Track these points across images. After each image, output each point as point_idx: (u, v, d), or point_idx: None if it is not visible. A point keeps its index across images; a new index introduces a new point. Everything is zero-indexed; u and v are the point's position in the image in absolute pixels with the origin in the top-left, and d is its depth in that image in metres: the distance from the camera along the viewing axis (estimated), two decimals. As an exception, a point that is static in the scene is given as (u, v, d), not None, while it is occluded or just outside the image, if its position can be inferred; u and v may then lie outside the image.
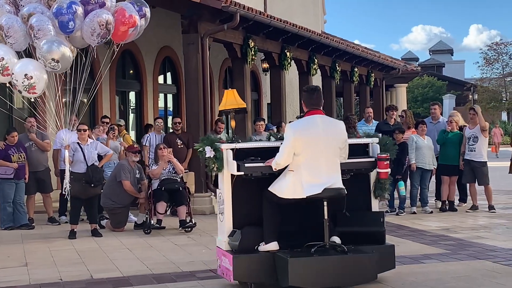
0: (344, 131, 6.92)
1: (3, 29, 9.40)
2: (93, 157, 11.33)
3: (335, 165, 6.76)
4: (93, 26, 9.51)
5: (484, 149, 13.08)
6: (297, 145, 6.67)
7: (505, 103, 55.46)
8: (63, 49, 9.37)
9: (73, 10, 9.34)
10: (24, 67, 9.49)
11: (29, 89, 9.45)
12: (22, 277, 8.04)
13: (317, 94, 6.97)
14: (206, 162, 7.23)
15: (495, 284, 7.09)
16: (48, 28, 9.36)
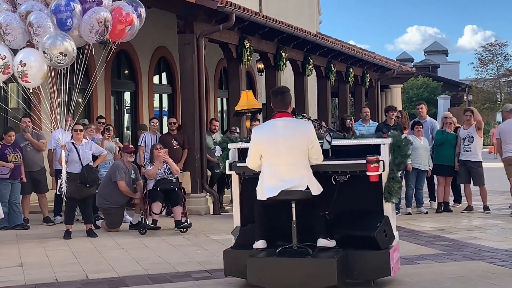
0: (308, 132, 6.82)
1: (1, 26, 9.40)
2: (87, 157, 11.32)
3: (298, 167, 6.75)
4: (92, 23, 9.53)
5: (479, 149, 13.12)
6: (259, 148, 6.88)
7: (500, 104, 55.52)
8: (67, 43, 9.40)
9: (71, 7, 9.38)
10: (23, 54, 9.51)
11: (22, 76, 9.47)
12: (17, 278, 8.02)
13: (281, 96, 7.02)
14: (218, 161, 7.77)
15: (490, 284, 7.10)
16: (47, 25, 9.38)
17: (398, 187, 6.99)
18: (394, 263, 6.98)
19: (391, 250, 6.88)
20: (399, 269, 7.23)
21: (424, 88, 61.23)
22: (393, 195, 6.97)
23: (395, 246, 7.09)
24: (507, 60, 56.70)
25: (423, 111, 14.17)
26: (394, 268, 6.93)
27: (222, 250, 8.72)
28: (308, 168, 6.79)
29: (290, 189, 6.69)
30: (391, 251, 6.87)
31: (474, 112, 13.29)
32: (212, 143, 14.57)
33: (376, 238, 6.72)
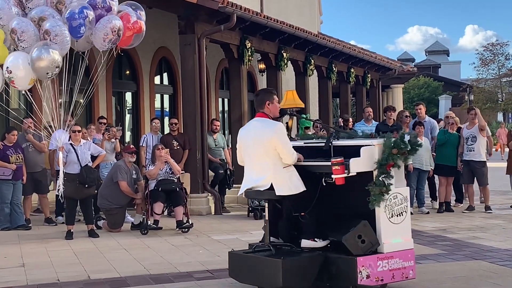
0: (273, 132, 6.87)
1: (16, 32, 9.36)
2: (86, 158, 11.32)
3: (263, 167, 6.89)
4: (107, 32, 9.58)
5: (482, 149, 13.09)
6: (239, 147, 7.27)
7: (501, 103, 55.52)
8: (53, 54, 9.34)
9: (85, 15, 9.41)
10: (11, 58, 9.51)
11: (9, 82, 9.51)
12: (19, 278, 8.03)
13: (257, 97, 7.26)
14: None
15: (492, 284, 7.11)
16: (65, 33, 9.39)
17: (378, 192, 6.67)
18: (378, 271, 6.61)
19: (365, 257, 6.59)
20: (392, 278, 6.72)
21: (425, 88, 61.26)
22: (374, 199, 6.68)
23: (386, 254, 6.70)
24: (508, 60, 56.67)
25: (422, 112, 14.17)
26: (381, 276, 6.63)
27: (223, 250, 8.75)
28: (276, 168, 6.84)
29: (254, 187, 6.96)
30: (363, 258, 6.58)
31: (477, 111, 13.29)
32: (213, 143, 14.59)
33: (344, 242, 6.63)
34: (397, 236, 6.84)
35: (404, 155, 6.75)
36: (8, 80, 9.49)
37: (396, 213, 6.83)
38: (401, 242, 6.85)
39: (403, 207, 6.86)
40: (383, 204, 6.72)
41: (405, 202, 6.88)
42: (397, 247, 6.80)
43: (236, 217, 13.39)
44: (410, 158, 7.13)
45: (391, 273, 6.73)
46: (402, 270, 6.79)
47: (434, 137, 13.88)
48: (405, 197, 6.88)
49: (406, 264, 6.82)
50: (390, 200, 6.77)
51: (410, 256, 6.87)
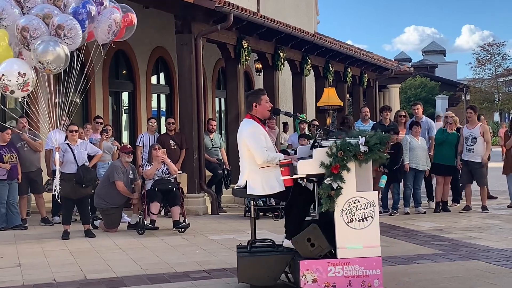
0: (243, 133, 7.06)
1: (29, 30, 9.35)
2: (83, 158, 11.30)
3: (243, 167, 7.16)
4: (110, 24, 9.82)
5: (482, 150, 13.08)
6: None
7: (498, 103, 55.61)
8: (60, 49, 9.39)
9: (87, 9, 9.52)
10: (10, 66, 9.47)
11: (23, 86, 9.47)
12: (16, 278, 8.02)
13: (247, 100, 7.43)
14: None
15: (488, 284, 7.11)
16: (77, 27, 9.49)
17: (325, 195, 6.47)
18: (328, 277, 6.49)
19: (310, 261, 6.54)
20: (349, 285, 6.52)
21: (422, 88, 61.36)
22: (323, 202, 6.50)
23: (340, 259, 6.52)
24: (504, 60, 56.79)
25: (419, 112, 14.19)
26: (332, 282, 6.49)
27: (220, 250, 8.75)
28: (251, 167, 6.96)
29: (236, 186, 7.19)
30: (308, 262, 6.53)
31: (480, 115, 13.31)
32: (210, 143, 14.58)
33: (294, 245, 6.70)
34: (357, 242, 6.52)
35: (359, 157, 6.44)
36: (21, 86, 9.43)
37: (357, 218, 6.50)
38: (362, 249, 6.52)
39: (368, 212, 6.51)
40: (338, 208, 6.50)
41: (371, 207, 6.51)
42: (356, 254, 6.51)
43: (232, 217, 13.39)
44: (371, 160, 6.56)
45: (347, 280, 6.49)
46: (364, 278, 6.49)
47: (431, 136, 13.89)
48: (371, 202, 6.51)
49: (369, 272, 6.50)
50: (349, 204, 6.50)
51: (376, 264, 6.51)
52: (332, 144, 6.53)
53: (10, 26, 9.49)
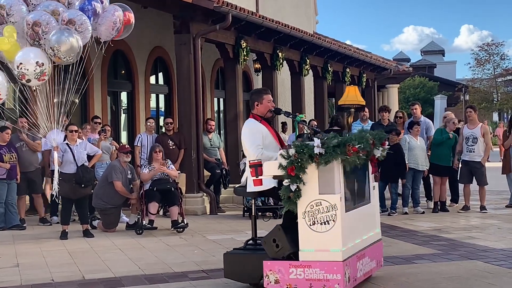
0: (242, 133, 7.28)
1: (41, 25, 9.40)
2: (82, 158, 11.29)
3: (246, 165, 7.20)
4: (115, 20, 9.96)
5: (482, 150, 13.07)
6: None
7: (496, 103, 55.62)
8: (73, 39, 9.48)
9: (93, 6, 9.61)
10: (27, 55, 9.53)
11: (40, 76, 9.53)
12: (14, 278, 8.01)
13: (250, 99, 7.57)
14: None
15: (487, 284, 7.10)
16: (87, 22, 9.59)
17: (285, 197, 6.41)
18: (290, 278, 6.44)
19: (272, 262, 6.54)
20: None
21: (421, 88, 61.36)
22: (284, 203, 6.49)
23: (302, 262, 6.43)
24: (503, 60, 56.78)
25: (417, 111, 14.20)
26: (294, 284, 6.42)
27: (219, 250, 8.74)
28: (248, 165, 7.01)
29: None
30: (271, 262, 6.54)
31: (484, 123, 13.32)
32: (208, 143, 14.58)
33: (262, 245, 6.74)
34: (318, 245, 6.40)
35: (315, 160, 6.30)
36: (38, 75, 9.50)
37: (319, 221, 6.35)
38: (322, 252, 6.38)
39: (330, 216, 6.34)
40: (301, 210, 6.41)
41: (333, 211, 6.33)
42: (317, 257, 6.39)
43: (231, 217, 13.38)
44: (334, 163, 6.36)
45: (308, 283, 6.40)
46: (324, 282, 6.33)
47: (429, 136, 13.90)
48: (333, 205, 6.33)
49: (329, 276, 6.33)
50: (311, 207, 6.38)
51: (336, 269, 6.31)
52: (293, 145, 6.48)
53: (18, 22, 9.52)
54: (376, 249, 7.33)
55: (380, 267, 7.46)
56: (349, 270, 6.45)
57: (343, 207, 6.42)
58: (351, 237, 6.61)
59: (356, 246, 6.74)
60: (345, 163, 6.46)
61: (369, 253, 7.05)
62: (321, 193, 6.38)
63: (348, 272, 6.42)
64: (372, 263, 7.14)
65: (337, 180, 6.44)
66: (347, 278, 6.38)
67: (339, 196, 6.38)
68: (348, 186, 6.68)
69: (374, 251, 7.24)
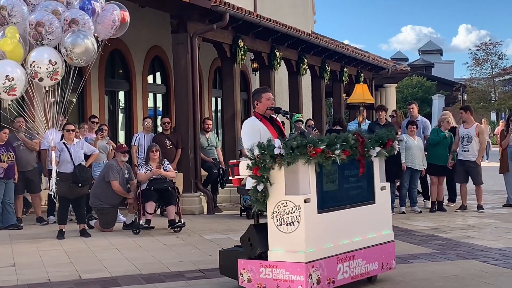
0: (241, 132, 7.48)
1: (44, 25, 9.40)
2: (79, 157, 11.28)
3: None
4: (114, 19, 10.01)
5: (476, 149, 13.08)
6: None
7: (494, 103, 55.55)
8: (88, 41, 9.52)
9: (92, 6, 9.66)
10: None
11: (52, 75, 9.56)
12: (10, 278, 8.00)
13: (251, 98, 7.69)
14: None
15: (483, 284, 7.10)
16: (90, 22, 9.63)
17: (254, 197, 6.47)
18: (260, 278, 6.50)
19: (245, 261, 6.64)
20: None
21: (419, 88, 61.31)
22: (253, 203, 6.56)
23: (270, 262, 6.47)
24: (501, 60, 56.64)
25: (414, 111, 14.21)
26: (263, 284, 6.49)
27: (216, 250, 8.72)
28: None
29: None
30: (244, 261, 6.64)
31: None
32: (206, 142, 14.57)
33: (240, 243, 6.90)
34: (284, 245, 6.41)
35: (277, 160, 6.30)
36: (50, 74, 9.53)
37: (285, 221, 6.35)
38: (287, 253, 6.39)
39: (294, 217, 6.31)
40: (270, 211, 6.43)
41: (297, 212, 6.29)
42: (283, 257, 6.41)
43: (228, 216, 13.37)
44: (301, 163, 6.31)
45: (276, 283, 6.43)
46: (289, 283, 6.33)
47: (426, 136, 13.90)
48: (297, 206, 6.29)
49: (294, 277, 6.32)
50: (278, 207, 6.39)
51: (300, 270, 6.28)
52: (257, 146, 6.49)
53: (20, 23, 9.52)
54: (380, 251, 7.11)
55: (389, 270, 7.25)
56: (320, 271, 6.38)
57: (312, 208, 6.37)
58: (328, 238, 6.53)
59: (339, 247, 6.62)
60: (320, 164, 6.38)
61: (364, 255, 6.88)
62: (287, 194, 6.38)
63: (318, 274, 6.35)
64: (370, 265, 6.95)
65: (303, 181, 6.40)
66: (314, 280, 6.32)
67: (303, 197, 6.33)
68: (329, 187, 6.59)
69: (375, 253, 7.04)
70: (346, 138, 6.63)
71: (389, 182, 7.42)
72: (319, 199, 6.47)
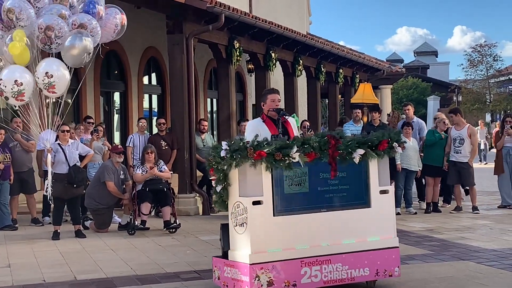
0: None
1: (53, 29, 9.41)
2: (74, 158, 11.27)
3: None
4: (117, 23, 10.08)
5: (468, 150, 13.12)
6: None
7: (489, 104, 55.65)
8: (86, 41, 9.53)
9: (96, 9, 9.70)
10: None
11: (48, 87, 9.54)
12: (5, 278, 7.99)
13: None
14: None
15: (478, 285, 7.12)
16: (97, 26, 9.64)
17: (215, 198, 6.71)
18: (225, 276, 6.61)
19: (216, 259, 6.81)
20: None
21: (414, 89, 61.42)
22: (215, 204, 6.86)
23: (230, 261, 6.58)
24: (496, 61, 56.75)
25: (410, 112, 14.22)
26: (226, 282, 6.57)
27: (211, 251, 8.73)
28: None
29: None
30: (215, 259, 6.82)
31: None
32: (201, 143, 14.56)
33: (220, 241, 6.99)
34: (238, 246, 6.51)
35: (227, 162, 6.39)
36: (47, 86, 9.53)
37: (239, 222, 6.47)
38: (240, 253, 6.48)
39: (244, 218, 6.40)
40: (230, 211, 6.55)
41: (245, 213, 6.37)
42: (237, 257, 6.51)
43: (223, 217, 13.18)
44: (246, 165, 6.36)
45: (233, 282, 6.52)
46: (241, 283, 6.42)
47: (422, 137, 13.92)
48: (245, 208, 6.36)
49: (243, 278, 6.40)
50: (234, 208, 6.49)
51: (246, 271, 6.34)
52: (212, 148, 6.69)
53: (28, 26, 9.52)
54: (374, 257, 6.83)
55: (390, 277, 6.95)
56: (274, 274, 6.37)
57: (265, 210, 6.39)
58: (289, 241, 6.48)
59: (306, 251, 6.54)
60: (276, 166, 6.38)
61: (347, 260, 6.68)
62: (240, 196, 6.46)
63: (269, 276, 6.35)
64: (356, 271, 6.73)
65: (253, 183, 6.42)
66: (262, 281, 6.33)
67: (251, 199, 6.36)
68: (294, 189, 6.53)
69: (366, 258, 6.79)
70: (307, 140, 6.55)
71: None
72: (277, 202, 6.46)
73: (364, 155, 6.74)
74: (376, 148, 6.84)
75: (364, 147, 6.74)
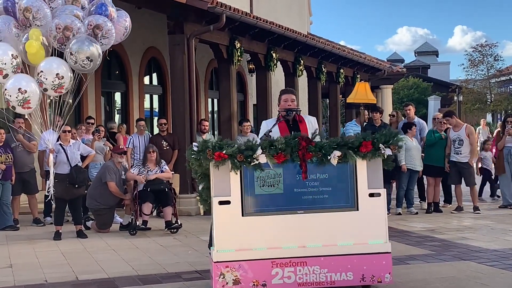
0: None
1: (72, 30, 9.43)
2: (76, 158, 11.29)
3: None
4: (126, 26, 10.11)
5: (468, 151, 13.14)
6: None
7: (490, 104, 55.63)
8: (94, 48, 9.53)
9: (109, 12, 9.73)
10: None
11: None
12: (7, 279, 8.00)
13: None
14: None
15: (480, 285, 7.13)
16: (112, 28, 9.68)
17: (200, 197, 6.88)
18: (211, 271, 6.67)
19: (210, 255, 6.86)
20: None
21: (415, 89, 61.39)
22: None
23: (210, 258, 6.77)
24: (497, 61, 56.71)
25: (411, 112, 14.21)
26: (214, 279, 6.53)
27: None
28: None
29: None
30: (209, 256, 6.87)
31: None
32: (202, 144, 14.54)
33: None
34: (212, 244, 6.65)
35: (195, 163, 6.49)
36: (56, 87, 9.55)
37: (212, 221, 6.59)
38: (211, 252, 6.65)
39: (214, 217, 6.55)
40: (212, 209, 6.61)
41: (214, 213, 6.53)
42: (211, 255, 6.70)
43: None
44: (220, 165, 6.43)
45: (213, 278, 6.60)
46: (214, 280, 6.53)
47: (423, 137, 13.92)
48: (214, 208, 6.49)
49: (213, 275, 6.56)
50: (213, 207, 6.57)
51: (215, 270, 6.47)
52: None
53: (44, 25, 9.54)
54: (359, 261, 6.61)
55: (379, 283, 6.71)
56: (241, 272, 6.42)
57: (233, 210, 6.44)
58: (259, 241, 6.49)
59: (279, 252, 6.50)
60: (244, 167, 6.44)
61: (326, 263, 6.55)
62: (213, 196, 6.55)
63: (236, 275, 6.41)
64: (337, 275, 6.57)
65: (220, 183, 6.49)
66: (228, 279, 6.41)
67: (217, 199, 6.46)
68: (266, 190, 6.52)
69: (349, 263, 6.59)
70: (272, 142, 6.53)
71: (386, 183, 7.28)
72: (247, 202, 6.48)
73: (345, 156, 6.56)
74: (358, 149, 6.60)
75: (344, 149, 6.54)
